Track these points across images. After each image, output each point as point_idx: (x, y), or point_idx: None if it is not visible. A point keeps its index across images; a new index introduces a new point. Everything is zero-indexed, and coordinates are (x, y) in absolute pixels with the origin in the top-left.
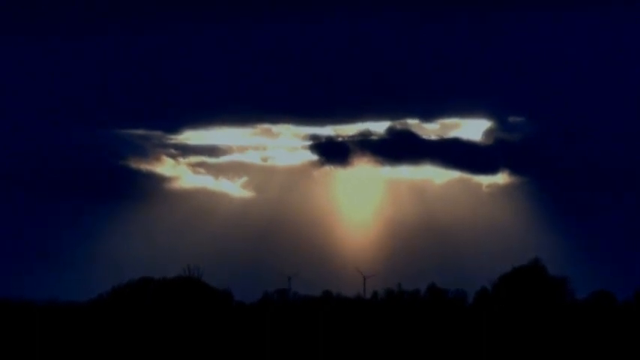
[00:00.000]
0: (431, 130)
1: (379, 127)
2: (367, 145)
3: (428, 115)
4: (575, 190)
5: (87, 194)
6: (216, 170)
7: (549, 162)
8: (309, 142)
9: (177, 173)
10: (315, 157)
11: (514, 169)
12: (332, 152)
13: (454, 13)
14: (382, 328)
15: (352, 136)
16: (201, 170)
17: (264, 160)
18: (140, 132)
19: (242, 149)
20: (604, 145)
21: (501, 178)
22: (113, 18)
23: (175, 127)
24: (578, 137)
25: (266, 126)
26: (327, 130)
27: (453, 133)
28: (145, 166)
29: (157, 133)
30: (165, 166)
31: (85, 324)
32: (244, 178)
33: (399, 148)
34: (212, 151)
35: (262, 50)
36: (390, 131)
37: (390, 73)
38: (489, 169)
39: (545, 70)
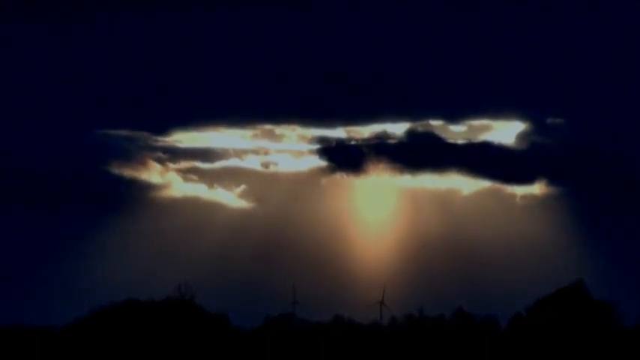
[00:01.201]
0: (457, 132)
1: (398, 129)
2: (384, 150)
3: (454, 116)
4: (623, 202)
5: (62, 204)
6: (211, 177)
7: (593, 170)
8: (317, 146)
9: (166, 180)
10: (323, 163)
11: (552, 178)
12: (343, 157)
13: (487, 2)
14: (400, 358)
15: (367, 139)
16: (193, 177)
17: (266, 166)
18: (124, 133)
19: (240, 153)
20: None
21: (538, 188)
22: (98, 10)
23: (164, 127)
24: (627, 141)
25: (268, 127)
26: (338, 132)
27: (482, 137)
28: (129, 172)
29: (143, 134)
30: (152, 172)
31: (59, 350)
32: (242, 187)
33: (420, 154)
34: (205, 155)
35: (264, 41)
36: (411, 134)
37: (411, 68)
38: (524, 177)
39: (588, 65)
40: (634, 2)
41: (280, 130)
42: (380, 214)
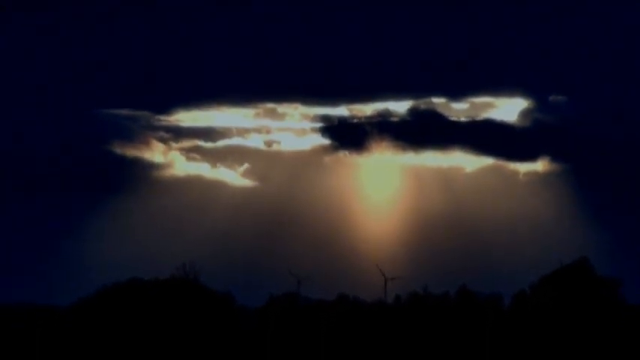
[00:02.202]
0: (460, 110)
1: (400, 107)
2: (387, 128)
3: (456, 94)
4: (627, 179)
5: (64, 184)
6: (213, 156)
7: (596, 147)
8: (320, 124)
9: (169, 160)
10: (326, 142)
11: (555, 155)
12: (346, 136)
13: None
14: (405, 335)
15: (369, 117)
16: (196, 156)
17: (268, 144)
18: (125, 112)
19: (243, 132)
20: None
21: (541, 165)
22: None
23: (166, 106)
24: (629, 117)
25: (270, 105)
26: (341, 110)
27: (485, 114)
28: (131, 152)
29: (145, 113)
30: (155, 152)
31: (64, 330)
32: (245, 166)
33: (423, 131)
34: (208, 134)
35: (265, 17)
36: (413, 112)
37: (413, 44)
38: (527, 155)
39: (591, 41)
40: None
41: (282, 108)
42: (383, 192)
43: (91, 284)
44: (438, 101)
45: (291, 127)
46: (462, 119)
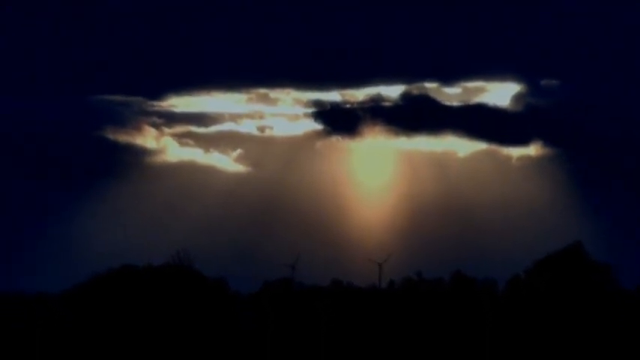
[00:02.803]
0: (452, 94)
1: (392, 92)
2: (379, 113)
3: (448, 78)
4: (620, 163)
5: (56, 170)
6: (206, 142)
7: (588, 131)
8: (313, 109)
9: (161, 145)
10: (319, 127)
11: (548, 140)
12: (339, 121)
13: None
14: (399, 321)
15: (362, 102)
16: (189, 142)
17: (261, 130)
18: (118, 98)
19: (235, 117)
20: None
21: (534, 149)
22: None
23: (159, 92)
24: (621, 101)
25: (263, 91)
26: (333, 96)
27: (477, 99)
28: (124, 137)
29: (138, 99)
30: (148, 137)
31: (58, 317)
32: (238, 151)
33: (415, 116)
34: (201, 119)
35: (258, 3)
36: (405, 96)
37: (405, 28)
38: (520, 139)
39: (583, 26)
40: None
41: (275, 93)
42: (376, 177)
43: (83, 271)
44: (430, 86)
45: (284, 113)
46: (455, 104)
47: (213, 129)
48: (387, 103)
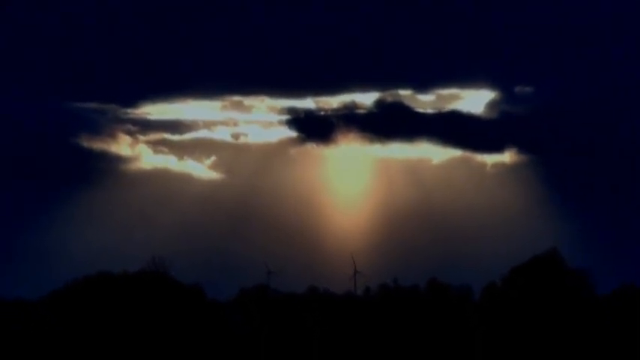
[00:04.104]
0: (426, 101)
1: (366, 99)
2: (353, 120)
3: (422, 85)
4: (595, 170)
5: (31, 177)
6: (180, 149)
7: (563, 138)
8: (287, 117)
9: (136, 152)
10: (293, 134)
11: (522, 147)
12: (313, 128)
13: None
14: (375, 328)
15: (336, 110)
16: (163, 149)
17: (235, 137)
18: (92, 105)
19: (210, 125)
20: (629, 118)
21: (508, 156)
22: None
23: (133, 99)
24: (595, 108)
25: (237, 98)
26: (307, 103)
27: (451, 106)
28: (99, 145)
29: (112, 106)
30: (122, 145)
31: (35, 324)
32: (213, 158)
33: (389, 123)
34: (175, 127)
35: (230, 12)
36: (379, 103)
37: (379, 36)
38: (494, 146)
39: (558, 33)
40: None
41: (249, 101)
42: (350, 184)
43: (58, 278)
44: (404, 93)
45: (258, 120)
46: (429, 111)
47: (187, 136)
48: (361, 111)
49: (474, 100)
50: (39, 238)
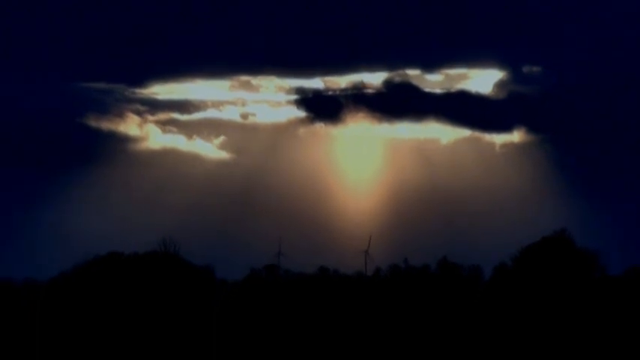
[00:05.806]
0: (434, 81)
1: (375, 79)
2: (362, 100)
3: (431, 65)
4: (604, 150)
5: (39, 158)
6: (189, 129)
7: (572, 117)
8: (295, 96)
9: (145, 132)
10: (301, 114)
11: (531, 126)
12: (321, 108)
13: None
14: (386, 308)
15: (344, 89)
16: (172, 129)
17: (244, 117)
18: (101, 85)
19: (218, 104)
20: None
21: (517, 136)
22: None
23: (141, 79)
24: (603, 87)
25: (245, 78)
26: (316, 83)
27: (459, 85)
28: (107, 125)
29: (120, 86)
30: (130, 125)
31: (45, 305)
32: (221, 138)
33: (398, 103)
34: (184, 106)
35: None
36: (388, 83)
37: (387, 15)
38: (503, 126)
39: (565, 12)
40: None
41: (257, 80)
42: (359, 164)
43: (68, 259)
44: (412, 73)
45: (267, 100)
46: (437, 91)
47: (196, 116)
48: (369, 90)
49: (483, 80)
50: (47, 219)
